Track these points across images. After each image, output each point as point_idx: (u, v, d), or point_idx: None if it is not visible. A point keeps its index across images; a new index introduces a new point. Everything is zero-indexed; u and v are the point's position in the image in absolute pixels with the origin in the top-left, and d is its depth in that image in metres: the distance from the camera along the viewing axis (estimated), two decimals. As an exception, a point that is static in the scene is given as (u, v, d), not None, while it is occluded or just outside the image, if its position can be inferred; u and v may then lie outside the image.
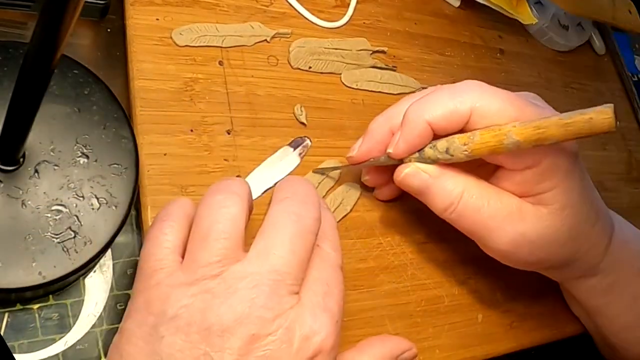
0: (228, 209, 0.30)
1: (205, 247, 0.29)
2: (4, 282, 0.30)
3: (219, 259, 0.29)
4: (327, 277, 0.32)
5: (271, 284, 0.29)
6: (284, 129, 0.42)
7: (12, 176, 0.31)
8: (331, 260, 0.33)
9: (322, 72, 0.45)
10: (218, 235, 0.29)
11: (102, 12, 0.39)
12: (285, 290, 0.29)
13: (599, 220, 0.39)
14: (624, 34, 0.69)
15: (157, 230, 0.31)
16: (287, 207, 0.31)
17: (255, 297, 0.28)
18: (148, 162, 0.36)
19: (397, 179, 0.38)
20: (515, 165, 0.36)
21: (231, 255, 0.29)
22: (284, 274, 0.29)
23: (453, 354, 0.41)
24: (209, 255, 0.29)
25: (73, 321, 0.33)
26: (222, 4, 0.43)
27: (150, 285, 0.29)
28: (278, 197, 0.32)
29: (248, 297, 0.28)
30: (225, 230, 0.30)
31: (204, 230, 0.30)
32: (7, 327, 0.31)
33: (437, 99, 0.36)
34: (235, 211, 0.30)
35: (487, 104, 0.35)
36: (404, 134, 0.37)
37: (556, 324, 0.46)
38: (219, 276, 0.29)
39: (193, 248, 0.30)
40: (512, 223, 0.36)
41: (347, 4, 0.49)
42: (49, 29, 0.22)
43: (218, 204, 0.31)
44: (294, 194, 0.32)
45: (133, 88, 0.38)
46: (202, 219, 0.30)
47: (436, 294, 0.42)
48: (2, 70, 0.33)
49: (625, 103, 0.66)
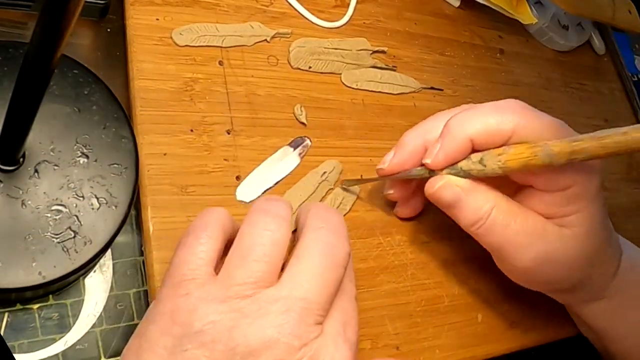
0: (273, 233, 0.30)
1: (243, 266, 0.29)
2: (4, 282, 0.30)
3: (254, 280, 0.29)
4: (346, 307, 0.32)
5: (300, 312, 0.29)
6: (284, 129, 0.42)
7: (12, 176, 0.31)
8: (350, 292, 0.33)
9: (322, 72, 0.45)
10: (259, 257, 0.29)
11: (102, 12, 0.39)
12: (312, 320, 0.29)
13: (611, 246, 0.40)
14: (624, 34, 0.69)
15: (194, 239, 0.31)
16: (322, 236, 0.31)
17: (284, 322, 0.28)
18: (148, 162, 0.36)
19: (429, 191, 0.38)
20: (547, 186, 0.37)
21: (267, 278, 0.29)
22: (313, 304, 0.29)
23: (453, 354, 0.41)
24: (246, 274, 0.29)
25: (73, 321, 0.33)
26: (222, 4, 0.43)
27: (179, 294, 0.29)
28: (313, 225, 0.32)
29: (277, 322, 0.28)
30: (266, 253, 0.30)
31: (246, 249, 0.30)
32: (7, 327, 0.31)
33: (481, 115, 0.36)
34: (279, 236, 0.30)
35: (530, 126, 0.35)
36: (444, 145, 0.37)
37: (556, 324, 0.46)
38: (251, 297, 0.29)
39: (231, 264, 0.30)
40: (537, 242, 0.37)
41: (347, 4, 0.49)
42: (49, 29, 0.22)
43: (264, 225, 0.31)
44: (328, 224, 0.32)
45: (133, 88, 0.38)
46: (245, 237, 0.30)
47: (436, 294, 0.42)
48: (2, 70, 0.33)
49: (625, 103, 0.66)
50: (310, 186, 0.41)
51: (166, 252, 0.35)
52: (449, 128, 0.37)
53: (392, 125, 0.47)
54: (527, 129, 0.35)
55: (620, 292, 0.42)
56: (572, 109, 0.60)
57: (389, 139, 0.46)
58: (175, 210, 0.36)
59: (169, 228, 0.35)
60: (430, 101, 0.50)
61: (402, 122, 0.47)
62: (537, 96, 0.58)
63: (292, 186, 0.40)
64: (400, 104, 0.48)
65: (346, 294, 0.33)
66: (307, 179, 0.41)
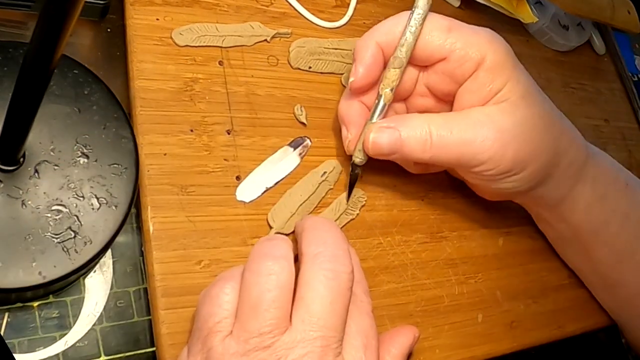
0: (277, 276, 0.30)
1: (256, 317, 0.29)
2: (4, 282, 0.30)
3: (270, 329, 0.29)
4: (365, 328, 0.32)
5: (319, 351, 0.29)
6: (284, 129, 0.42)
7: (12, 176, 0.32)
8: (365, 308, 0.33)
9: (322, 72, 0.45)
10: (269, 305, 0.29)
11: (102, 12, 0.39)
12: (331, 355, 0.29)
13: (562, 119, 0.41)
14: (624, 34, 0.69)
15: (219, 289, 0.31)
16: (321, 263, 0.31)
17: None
18: (148, 162, 0.36)
19: (368, 147, 0.39)
20: (463, 71, 0.38)
21: (281, 324, 0.29)
22: (329, 339, 0.29)
23: (453, 353, 0.41)
24: (260, 325, 0.29)
25: (73, 321, 0.33)
26: (222, 4, 0.43)
27: (205, 349, 0.30)
28: (309, 252, 0.32)
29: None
30: (275, 299, 0.30)
31: (254, 298, 0.30)
32: (7, 327, 0.31)
33: (384, 24, 0.39)
34: (284, 278, 0.30)
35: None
36: (357, 59, 0.39)
37: (556, 324, 0.46)
38: (270, 347, 0.29)
39: (243, 316, 0.30)
40: (486, 126, 0.37)
41: (347, 4, 0.49)
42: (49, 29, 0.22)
43: (267, 270, 0.30)
44: (325, 246, 0.32)
45: (133, 88, 0.38)
46: (252, 286, 0.30)
47: (436, 294, 0.42)
48: (2, 70, 0.33)
49: (625, 103, 0.66)
50: (310, 186, 0.41)
51: (166, 252, 0.35)
52: (357, 44, 0.39)
53: (392, 125, 0.47)
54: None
55: (602, 179, 0.43)
56: (572, 109, 0.60)
57: (389, 139, 0.46)
58: (175, 210, 0.36)
59: (169, 228, 0.35)
60: (430, 101, 0.50)
61: (402, 122, 0.47)
62: (537, 96, 0.58)
63: (292, 186, 0.40)
64: (400, 104, 0.48)
65: (362, 311, 0.32)
66: (307, 179, 0.41)
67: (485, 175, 0.39)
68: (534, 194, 0.42)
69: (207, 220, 0.37)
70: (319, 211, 0.41)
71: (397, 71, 0.38)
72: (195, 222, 0.36)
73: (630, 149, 0.63)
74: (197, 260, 0.35)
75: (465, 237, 0.40)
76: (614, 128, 0.63)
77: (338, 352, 0.30)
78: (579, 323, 0.47)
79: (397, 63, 0.38)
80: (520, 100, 0.38)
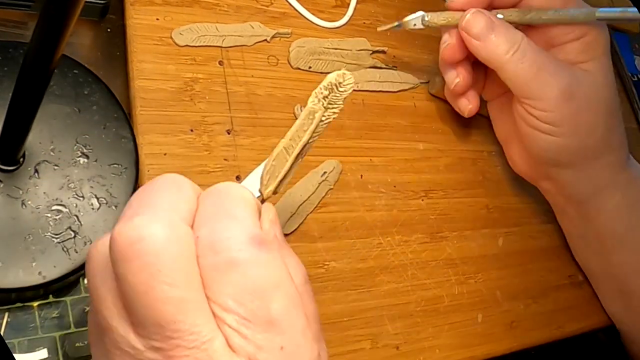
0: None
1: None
2: (4, 282, 0.30)
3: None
4: (313, 310, 0.25)
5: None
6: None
7: (12, 176, 0.31)
8: (308, 290, 0.26)
9: (322, 72, 0.45)
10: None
11: (102, 12, 0.39)
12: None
13: (619, 119, 0.44)
14: (624, 34, 0.69)
15: None
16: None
17: None
18: (148, 162, 0.36)
19: (462, 24, 0.41)
20: (565, 38, 0.41)
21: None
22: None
23: (453, 353, 0.41)
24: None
25: (73, 321, 0.33)
26: (222, 4, 0.43)
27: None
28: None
29: None
30: None
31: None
32: (7, 327, 0.31)
33: None
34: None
35: None
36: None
37: (556, 324, 0.46)
38: None
39: None
40: (565, 72, 0.40)
41: (347, 4, 0.49)
42: (49, 29, 0.22)
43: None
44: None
45: (133, 88, 0.38)
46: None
47: (436, 294, 0.42)
48: (2, 70, 0.33)
49: (625, 103, 0.66)
50: (310, 186, 0.41)
51: (166, 252, 0.35)
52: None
53: (392, 125, 0.47)
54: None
55: (635, 187, 0.44)
56: (572, 109, 0.60)
57: (389, 139, 0.46)
58: (175, 210, 0.36)
59: (169, 228, 0.35)
60: (430, 100, 0.50)
61: (402, 122, 0.47)
62: (537, 96, 0.57)
63: (292, 186, 0.40)
64: (400, 104, 0.48)
65: (308, 295, 0.26)
66: (307, 179, 0.41)
67: (537, 117, 0.40)
68: (566, 178, 0.43)
69: (207, 220, 0.37)
70: (319, 211, 0.41)
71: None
72: (195, 222, 0.36)
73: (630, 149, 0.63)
74: (197, 260, 0.35)
75: (465, 237, 0.40)
76: (614, 128, 0.63)
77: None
78: (579, 323, 0.47)
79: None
80: (599, 82, 0.41)
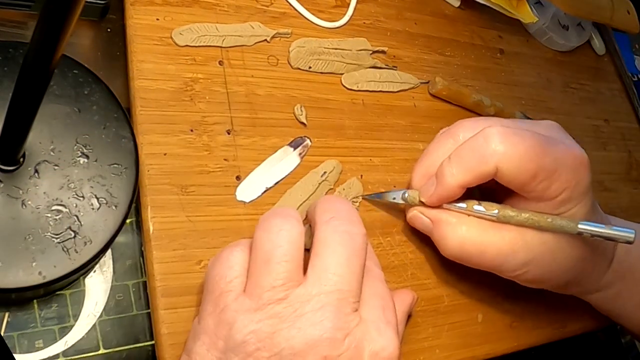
0: (288, 231, 0.31)
1: (268, 271, 0.30)
2: (4, 282, 0.30)
3: (282, 282, 0.29)
4: (380, 291, 0.32)
5: (336, 304, 0.29)
6: (284, 129, 0.42)
7: (12, 176, 0.32)
8: (378, 275, 0.34)
9: (322, 72, 0.45)
10: (280, 258, 0.30)
11: (102, 12, 0.39)
12: (349, 309, 0.30)
13: (600, 245, 0.40)
14: (624, 34, 0.69)
15: (228, 253, 0.32)
16: (336, 226, 0.32)
17: (323, 319, 0.29)
18: (148, 162, 0.36)
19: (407, 218, 0.41)
20: (539, 198, 0.37)
21: (294, 277, 0.30)
22: (346, 293, 0.30)
23: (453, 353, 0.41)
24: (272, 279, 0.29)
25: (73, 321, 0.33)
26: (222, 4, 0.43)
27: (218, 309, 0.30)
28: (323, 218, 0.32)
29: (316, 319, 0.29)
30: (286, 253, 0.30)
31: (266, 254, 0.30)
32: (8, 327, 0.31)
33: (466, 164, 0.37)
34: (295, 233, 0.31)
35: (508, 166, 0.36)
36: (437, 191, 0.38)
37: (556, 324, 0.46)
38: (284, 300, 0.29)
39: (255, 272, 0.30)
40: (519, 253, 0.37)
41: (347, 4, 0.49)
42: (49, 29, 0.22)
43: (277, 227, 0.31)
44: (338, 213, 0.33)
45: (133, 88, 0.38)
46: (262, 243, 0.31)
47: (436, 294, 0.42)
48: (2, 70, 0.33)
49: (625, 103, 0.66)
50: (310, 186, 0.41)
51: (166, 252, 0.35)
52: (441, 180, 0.38)
53: (392, 125, 0.47)
54: (505, 170, 0.36)
55: (620, 279, 0.42)
56: (572, 109, 0.60)
57: (389, 139, 0.46)
58: (175, 210, 0.36)
59: (169, 228, 0.35)
60: (430, 101, 0.50)
61: (402, 122, 0.47)
62: (537, 96, 0.58)
63: (292, 186, 0.40)
64: (400, 104, 0.48)
65: (375, 278, 0.33)
66: (307, 179, 0.41)
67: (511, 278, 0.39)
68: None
69: (207, 220, 0.37)
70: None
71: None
72: (195, 222, 0.36)
73: (630, 149, 0.63)
74: (197, 260, 0.35)
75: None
76: (614, 128, 0.63)
77: (355, 308, 0.30)
78: (579, 323, 0.47)
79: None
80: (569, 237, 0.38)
